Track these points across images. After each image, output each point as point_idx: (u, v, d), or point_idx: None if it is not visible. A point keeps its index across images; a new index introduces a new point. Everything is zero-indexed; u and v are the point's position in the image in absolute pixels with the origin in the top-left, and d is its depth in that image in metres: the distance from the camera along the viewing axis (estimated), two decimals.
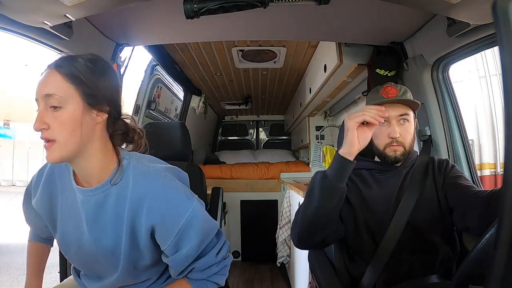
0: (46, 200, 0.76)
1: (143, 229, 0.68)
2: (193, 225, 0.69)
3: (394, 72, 1.39)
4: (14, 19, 0.84)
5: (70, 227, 0.74)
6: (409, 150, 0.96)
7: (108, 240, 0.70)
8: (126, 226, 0.68)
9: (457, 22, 0.96)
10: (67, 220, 0.74)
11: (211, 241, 0.75)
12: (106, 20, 1.16)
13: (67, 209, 0.74)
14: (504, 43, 0.32)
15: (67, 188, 0.74)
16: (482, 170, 3.48)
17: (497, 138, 3.48)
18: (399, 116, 0.94)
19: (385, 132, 0.94)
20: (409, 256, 0.90)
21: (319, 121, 3.06)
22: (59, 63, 0.65)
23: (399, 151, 0.94)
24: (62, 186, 0.75)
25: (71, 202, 0.73)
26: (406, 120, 0.94)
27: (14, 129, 10.41)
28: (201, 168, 1.21)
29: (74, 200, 0.72)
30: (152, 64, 2.19)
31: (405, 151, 0.94)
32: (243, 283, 2.54)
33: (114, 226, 0.69)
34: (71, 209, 0.73)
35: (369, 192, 0.96)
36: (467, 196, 0.87)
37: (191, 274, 0.75)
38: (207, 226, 0.73)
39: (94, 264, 0.75)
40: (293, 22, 1.25)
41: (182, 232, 0.68)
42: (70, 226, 0.74)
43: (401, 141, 0.93)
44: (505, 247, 0.33)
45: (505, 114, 0.33)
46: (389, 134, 0.93)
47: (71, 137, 0.64)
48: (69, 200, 0.74)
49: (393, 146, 0.94)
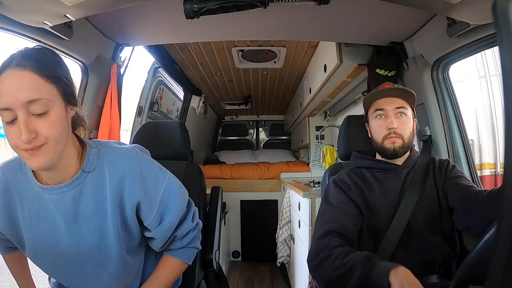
0: (6, 215, 0.68)
1: (129, 208, 0.69)
2: (171, 195, 0.73)
3: (394, 72, 1.39)
4: (14, 19, 0.84)
5: (42, 236, 0.68)
6: (408, 144, 0.97)
7: (91, 235, 0.68)
8: (112, 213, 0.68)
9: (457, 22, 0.96)
10: (36, 230, 0.68)
11: (187, 208, 0.80)
12: (106, 20, 1.16)
13: (34, 218, 0.68)
14: (504, 43, 0.32)
15: (26, 195, 0.67)
16: (482, 170, 3.48)
17: (497, 138, 3.48)
18: (396, 108, 0.96)
19: (383, 125, 0.97)
20: (409, 256, 0.90)
21: (319, 121, 3.06)
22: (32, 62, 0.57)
23: (397, 143, 0.95)
24: (19, 195, 0.68)
25: (36, 209, 0.67)
26: (403, 114, 0.96)
27: None
28: (200, 168, 1.21)
29: (41, 205, 0.67)
30: (155, 66, 2.20)
31: (403, 143, 0.96)
32: (243, 283, 2.54)
33: (95, 218, 0.68)
34: (39, 216, 0.67)
35: (371, 193, 0.96)
36: (467, 196, 0.87)
37: (172, 244, 0.79)
38: (182, 194, 0.77)
39: (78, 271, 0.70)
40: (293, 22, 1.25)
41: (163, 203, 0.72)
42: (41, 235, 0.68)
43: (399, 133, 0.95)
44: (505, 247, 0.33)
45: (505, 114, 0.33)
46: (387, 125, 0.95)
47: (60, 138, 0.60)
48: (32, 208, 0.67)
49: (391, 138, 0.96)
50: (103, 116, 1.29)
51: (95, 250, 0.69)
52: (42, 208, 0.67)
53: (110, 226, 0.68)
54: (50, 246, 0.68)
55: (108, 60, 1.31)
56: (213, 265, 1.13)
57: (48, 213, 0.67)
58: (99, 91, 1.28)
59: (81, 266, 0.70)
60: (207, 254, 1.12)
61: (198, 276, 1.07)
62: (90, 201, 0.67)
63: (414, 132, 0.99)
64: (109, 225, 0.68)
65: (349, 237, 0.88)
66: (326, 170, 1.27)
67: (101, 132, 1.27)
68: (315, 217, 1.69)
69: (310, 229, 1.70)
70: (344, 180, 1.01)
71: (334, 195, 0.98)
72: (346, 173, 1.03)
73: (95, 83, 1.26)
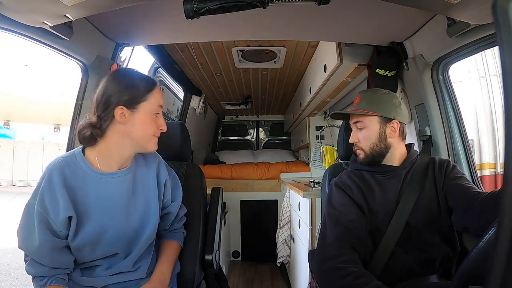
0: (68, 202, 0.78)
1: (162, 184, 0.95)
2: (177, 183, 1.01)
3: (394, 72, 1.39)
4: (14, 19, 0.84)
5: (103, 213, 0.82)
6: (373, 154, 0.99)
7: (140, 205, 0.88)
8: (154, 186, 0.92)
9: (457, 22, 0.96)
10: (99, 211, 0.82)
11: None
12: (106, 20, 1.16)
13: (96, 202, 0.82)
14: (504, 43, 0.32)
15: (84, 184, 0.81)
16: (482, 170, 3.48)
17: (497, 138, 3.47)
18: (353, 124, 1.03)
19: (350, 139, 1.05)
20: (408, 256, 0.90)
21: (319, 121, 3.06)
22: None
23: (361, 155, 1.02)
24: (79, 185, 0.81)
25: (98, 193, 0.82)
26: (361, 127, 1.01)
27: (14, 129, 10.41)
28: (201, 169, 1.21)
29: (103, 188, 0.82)
30: (155, 66, 2.20)
31: (366, 155, 1.01)
32: (243, 283, 2.54)
33: (143, 193, 0.90)
34: (100, 197, 0.82)
35: (371, 194, 0.97)
36: (466, 197, 0.87)
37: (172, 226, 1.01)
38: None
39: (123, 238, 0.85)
40: (293, 22, 1.25)
41: (174, 187, 0.99)
42: (101, 213, 0.82)
43: (360, 146, 1.02)
44: (505, 247, 0.33)
45: (505, 114, 0.33)
46: (350, 140, 1.04)
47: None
48: (94, 193, 0.82)
49: (356, 150, 1.04)
50: None
51: (143, 215, 0.88)
52: (102, 191, 0.82)
53: (152, 197, 0.90)
54: (110, 223, 0.83)
55: (108, 60, 1.31)
56: (213, 265, 1.13)
57: (109, 194, 0.83)
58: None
59: (128, 235, 0.86)
60: (207, 254, 1.12)
61: (198, 276, 1.07)
62: (141, 179, 0.90)
63: (380, 138, 0.98)
64: (152, 197, 0.91)
65: (357, 241, 0.89)
66: (326, 170, 1.27)
67: None
68: (315, 217, 1.69)
69: (310, 229, 1.70)
70: (345, 182, 1.01)
71: (337, 198, 0.98)
72: (347, 175, 1.04)
73: (95, 83, 1.26)
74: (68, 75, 7.24)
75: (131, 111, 0.81)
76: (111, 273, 0.86)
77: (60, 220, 0.77)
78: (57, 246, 0.79)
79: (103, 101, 0.81)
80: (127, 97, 0.81)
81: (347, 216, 0.92)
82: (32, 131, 10.32)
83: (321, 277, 0.88)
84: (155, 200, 0.91)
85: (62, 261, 0.80)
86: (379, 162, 1.00)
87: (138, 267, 0.89)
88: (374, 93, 1.02)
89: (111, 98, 0.81)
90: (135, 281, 0.89)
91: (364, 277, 0.78)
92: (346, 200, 0.96)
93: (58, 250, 0.79)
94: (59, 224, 0.78)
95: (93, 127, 0.81)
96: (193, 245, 1.08)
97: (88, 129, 0.81)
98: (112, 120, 0.81)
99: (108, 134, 0.83)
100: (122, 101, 0.80)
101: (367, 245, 0.92)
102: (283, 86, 2.89)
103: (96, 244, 0.83)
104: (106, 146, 0.83)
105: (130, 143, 0.84)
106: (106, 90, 0.82)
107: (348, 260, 0.84)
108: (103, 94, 0.82)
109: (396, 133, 0.99)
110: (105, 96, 0.81)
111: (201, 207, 1.14)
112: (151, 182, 0.91)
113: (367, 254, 0.91)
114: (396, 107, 0.99)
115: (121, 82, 0.82)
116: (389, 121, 0.99)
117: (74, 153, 0.84)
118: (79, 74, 1.25)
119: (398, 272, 0.90)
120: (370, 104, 0.99)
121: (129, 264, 0.87)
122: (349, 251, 0.86)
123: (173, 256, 0.97)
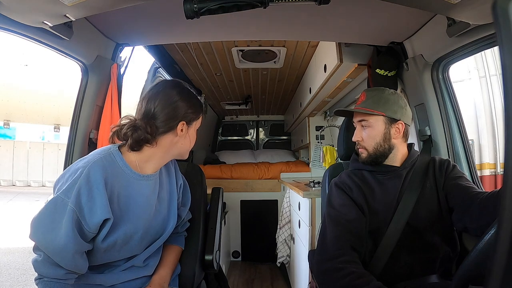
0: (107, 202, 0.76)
1: (179, 185, 1.00)
2: (187, 187, 1.05)
3: (394, 72, 1.39)
4: (14, 19, 0.84)
5: (138, 215, 0.84)
6: (376, 154, 0.99)
7: (165, 208, 0.93)
8: (173, 188, 0.97)
9: (457, 22, 0.96)
10: (134, 212, 0.83)
11: None
12: (106, 20, 1.16)
13: (133, 203, 0.83)
14: (504, 43, 0.32)
15: (123, 184, 0.81)
16: (482, 170, 3.48)
17: (497, 138, 3.47)
18: (357, 122, 1.02)
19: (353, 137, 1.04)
20: (408, 256, 0.90)
21: (319, 121, 3.06)
22: None
23: (363, 154, 1.01)
24: (119, 184, 0.80)
25: (135, 195, 0.84)
26: (366, 126, 1.00)
27: (14, 129, 10.41)
28: (201, 169, 1.21)
29: (139, 190, 0.85)
30: (155, 66, 2.20)
31: (369, 154, 1.00)
32: (243, 283, 2.54)
33: (167, 193, 0.94)
34: (136, 199, 0.84)
35: (372, 194, 0.97)
36: (466, 197, 0.87)
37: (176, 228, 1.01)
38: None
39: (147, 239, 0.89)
40: (293, 22, 1.25)
41: (185, 191, 1.04)
42: (137, 214, 0.84)
43: (363, 145, 1.01)
44: (504, 247, 0.33)
45: (505, 114, 0.33)
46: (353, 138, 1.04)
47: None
48: (131, 194, 0.83)
49: (359, 149, 1.03)
50: (103, 116, 1.29)
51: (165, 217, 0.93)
52: (140, 192, 0.85)
53: (172, 199, 0.96)
54: (143, 222, 0.85)
55: (108, 60, 1.31)
56: (213, 266, 1.13)
57: (146, 195, 0.86)
58: (99, 91, 1.28)
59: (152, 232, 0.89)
60: (207, 254, 1.12)
61: (198, 277, 1.07)
62: (164, 183, 0.94)
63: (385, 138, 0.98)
64: (172, 199, 0.96)
65: (357, 241, 0.89)
66: (326, 170, 1.27)
67: (101, 132, 1.27)
68: (315, 217, 1.69)
69: (310, 229, 1.70)
70: (345, 182, 1.01)
71: (338, 198, 0.98)
72: (347, 175, 1.04)
73: (95, 83, 1.26)
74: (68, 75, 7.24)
75: (188, 127, 0.88)
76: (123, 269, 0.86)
77: (94, 222, 0.74)
78: (81, 250, 0.75)
79: (168, 113, 0.83)
80: (192, 115, 0.88)
81: (347, 216, 0.92)
82: (32, 131, 10.33)
83: (321, 277, 0.88)
84: (174, 202, 0.96)
85: (80, 265, 0.75)
86: (381, 162, 1.00)
87: (147, 264, 0.91)
88: (381, 92, 1.01)
89: (179, 112, 0.84)
90: (143, 278, 0.91)
91: (364, 277, 0.78)
92: (346, 200, 0.96)
93: (80, 254, 0.75)
94: (92, 226, 0.74)
95: (147, 133, 0.81)
96: (193, 245, 1.08)
97: (140, 134, 0.81)
98: (170, 131, 0.84)
99: (160, 142, 0.85)
100: (188, 117, 0.86)
101: (367, 245, 0.92)
102: (283, 86, 2.89)
103: (125, 244, 0.83)
104: (151, 152, 0.85)
105: (173, 152, 0.89)
106: (174, 104, 0.84)
107: (348, 260, 0.84)
108: (169, 106, 0.83)
109: (400, 134, 0.99)
110: (172, 109, 0.84)
111: (201, 207, 1.14)
112: (172, 186, 0.97)
113: (367, 254, 0.91)
114: (402, 108, 0.99)
115: (190, 99, 0.88)
116: (394, 122, 0.98)
117: (110, 151, 0.82)
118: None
119: (398, 272, 0.90)
120: (376, 103, 0.98)
121: (140, 260, 0.89)
122: (349, 251, 0.86)
123: (174, 260, 0.99)
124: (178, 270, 1.02)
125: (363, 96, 1.02)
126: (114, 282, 0.84)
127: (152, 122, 0.82)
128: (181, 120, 0.85)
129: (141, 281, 0.90)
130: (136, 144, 0.82)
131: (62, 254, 0.71)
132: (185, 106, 0.85)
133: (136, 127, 0.81)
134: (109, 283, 0.84)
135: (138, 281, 0.89)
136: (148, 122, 0.81)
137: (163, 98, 0.84)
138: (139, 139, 0.81)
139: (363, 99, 1.01)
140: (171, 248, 1.01)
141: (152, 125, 0.82)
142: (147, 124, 0.81)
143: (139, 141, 0.81)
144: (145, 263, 0.91)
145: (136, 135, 0.80)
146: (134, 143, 0.81)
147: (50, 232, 0.71)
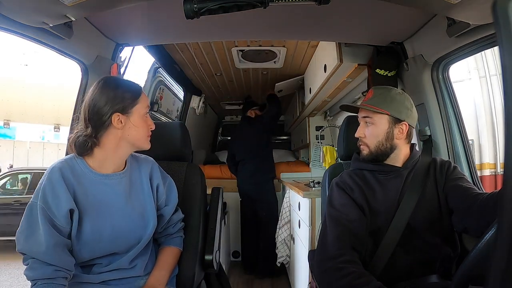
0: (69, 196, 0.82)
1: (155, 186, 0.98)
2: (172, 188, 1.03)
3: (394, 72, 1.39)
4: (14, 19, 0.84)
5: (102, 212, 0.86)
6: (377, 152, 0.99)
7: (138, 207, 0.92)
8: (148, 190, 0.95)
9: (457, 22, 0.96)
10: (97, 210, 0.85)
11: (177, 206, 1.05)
12: (106, 20, 1.16)
13: (96, 201, 0.85)
14: (504, 43, 0.32)
15: (84, 185, 0.85)
16: (482, 170, 3.48)
17: (497, 138, 3.47)
18: (362, 118, 1.01)
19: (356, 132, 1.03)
20: (409, 256, 0.90)
21: (319, 121, 3.06)
22: None
23: (364, 151, 1.01)
24: (79, 186, 0.84)
25: (96, 193, 0.86)
26: (370, 123, 0.99)
27: (14, 129, 10.41)
28: (201, 169, 1.21)
29: (102, 189, 0.87)
30: (155, 66, 2.20)
31: (370, 151, 1.00)
32: (243, 283, 2.54)
33: (141, 193, 0.94)
34: (98, 197, 0.86)
35: (373, 195, 0.97)
36: (467, 198, 0.87)
37: (166, 230, 1.02)
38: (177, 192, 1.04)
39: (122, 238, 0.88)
40: (293, 22, 1.25)
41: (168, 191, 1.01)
42: (101, 211, 0.86)
43: (365, 142, 1.00)
44: (504, 247, 0.33)
45: (505, 114, 0.34)
46: (356, 133, 1.03)
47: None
48: (93, 193, 0.86)
49: (360, 145, 1.02)
50: None
51: (141, 217, 0.92)
52: (99, 191, 0.87)
53: (147, 199, 0.95)
54: (108, 222, 0.86)
55: (108, 60, 1.31)
56: (213, 266, 1.13)
57: (107, 194, 0.87)
58: None
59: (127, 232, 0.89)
60: (207, 254, 1.12)
61: (198, 277, 1.07)
62: (136, 183, 0.94)
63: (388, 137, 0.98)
64: (147, 199, 0.95)
65: (357, 241, 0.89)
66: (326, 170, 1.27)
67: None
68: (315, 217, 1.69)
69: (310, 229, 1.70)
70: (346, 181, 1.01)
71: (338, 198, 0.98)
72: (348, 175, 1.03)
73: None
74: (68, 75, 7.24)
75: (126, 116, 0.86)
76: (109, 269, 0.89)
77: (62, 214, 0.80)
78: (61, 243, 0.81)
79: (95, 112, 0.84)
80: (123, 104, 0.86)
81: (348, 216, 0.92)
82: (32, 131, 10.32)
83: (321, 277, 0.88)
84: (150, 202, 0.95)
85: (66, 261, 0.81)
86: (382, 160, 1.00)
87: (134, 265, 0.92)
88: (388, 91, 1.01)
89: (104, 109, 0.84)
90: (132, 278, 0.92)
91: (364, 278, 0.79)
92: (346, 200, 0.96)
93: (62, 248, 0.81)
94: (61, 218, 0.80)
95: (89, 137, 0.84)
96: (193, 245, 1.08)
97: (84, 140, 0.84)
98: (108, 127, 0.85)
99: (104, 141, 0.86)
100: (118, 107, 0.85)
101: (368, 245, 0.92)
102: None
103: (97, 243, 0.85)
104: (103, 152, 0.87)
105: (127, 145, 0.89)
106: (96, 102, 0.84)
107: (348, 260, 0.84)
108: (94, 106, 0.84)
109: (403, 134, 0.99)
110: (97, 108, 0.84)
111: (201, 207, 1.14)
112: (145, 185, 0.96)
113: (367, 254, 0.91)
114: (407, 109, 0.99)
115: (113, 90, 0.86)
116: (398, 122, 0.98)
117: (73, 156, 0.88)
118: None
119: (398, 272, 0.90)
120: (382, 101, 0.98)
121: (126, 261, 0.90)
122: (349, 251, 0.86)
123: (170, 261, 1.00)
124: (175, 271, 1.02)
125: (371, 93, 1.02)
126: (101, 279, 0.88)
127: (88, 125, 0.85)
128: (112, 113, 0.84)
129: (127, 281, 0.92)
130: (82, 150, 0.85)
131: (47, 251, 0.78)
132: (106, 98, 0.84)
133: (79, 135, 0.85)
134: (97, 280, 0.88)
135: (124, 281, 0.91)
136: (86, 126, 0.85)
137: (88, 99, 0.86)
138: (82, 145, 0.84)
139: (370, 96, 1.01)
140: (166, 249, 1.01)
141: (88, 127, 0.84)
142: (86, 128, 0.85)
143: (83, 147, 0.84)
144: (132, 264, 0.92)
145: (78, 142, 0.84)
146: (79, 149, 0.85)
147: (31, 235, 0.79)
